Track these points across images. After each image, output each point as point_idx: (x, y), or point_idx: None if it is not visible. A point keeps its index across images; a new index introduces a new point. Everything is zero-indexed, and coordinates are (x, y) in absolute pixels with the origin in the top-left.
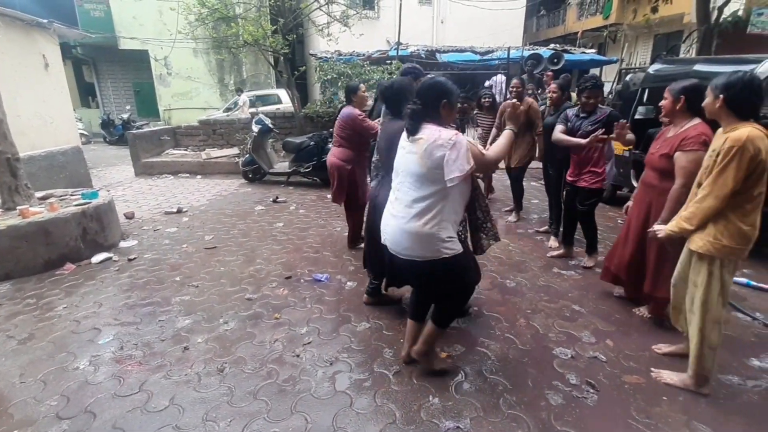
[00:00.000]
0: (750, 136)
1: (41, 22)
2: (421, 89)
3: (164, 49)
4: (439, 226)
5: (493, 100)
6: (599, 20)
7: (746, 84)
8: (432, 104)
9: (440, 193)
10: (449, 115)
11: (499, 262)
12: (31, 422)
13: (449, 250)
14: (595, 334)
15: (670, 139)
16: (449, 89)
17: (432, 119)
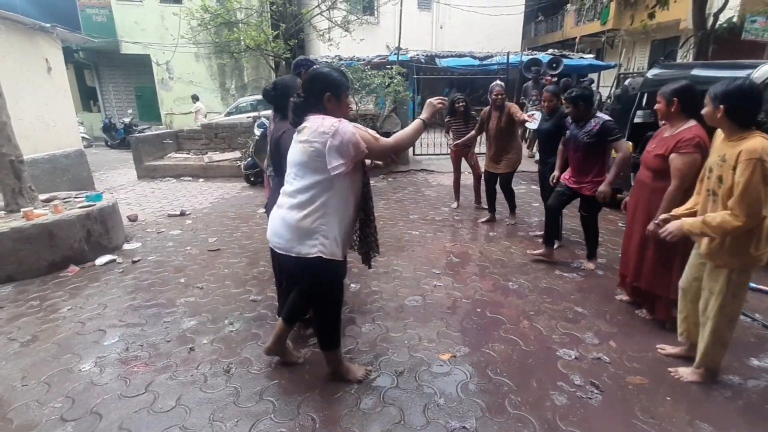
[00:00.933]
0: (765, 147)
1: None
2: (304, 81)
3: (166, 54)
4: (321, 221)
5: (466, 105)
6: (597, 26)
7: (745, 93)
8: (315, 97)
9: (323, 184)
10: (337, 109)
11: (501, 264)
12: (32, 426)
13: (325, 251)
14: (598, 335)
15: (666, 140)
16: (334, 80)
17: (317, 112)
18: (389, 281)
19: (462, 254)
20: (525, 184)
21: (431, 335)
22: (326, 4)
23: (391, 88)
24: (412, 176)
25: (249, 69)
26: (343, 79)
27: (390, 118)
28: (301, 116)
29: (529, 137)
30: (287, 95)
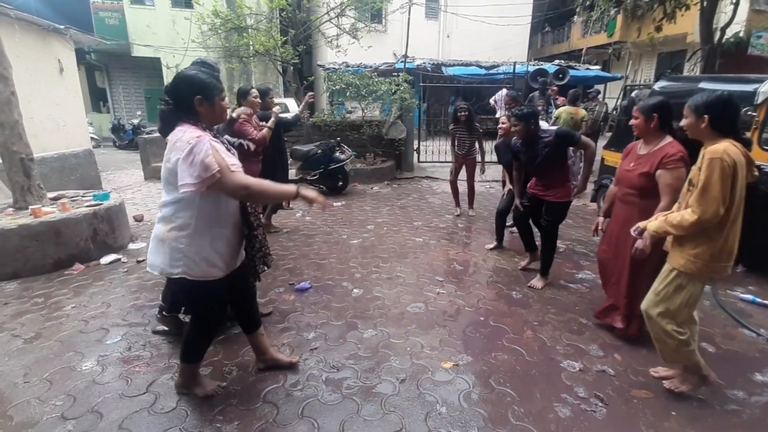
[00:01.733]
0: (727, 149)
1: (58, 27)
2: (170, 85)
3: (176, 57)
4: (184, 240)
5: (469, 114)
6: (603, 38)
7: (727, 103)
8: (184, 101)
9: (183, 203)
10: (211, 113)
11: (505, 273)
12: (32, 424)
13: (190, 271)
14: (603, 347)
15: (646, 157)
16: (203, 82)
17: (188, 119)
18: (392, 287)
19: (465, 262)
20: None
21: (434, 343)
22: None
23: (398, 96)
24: (417, 183)
25: (257, 74)
26: (213, 80)
27: (395, 125)
28: (169, 125)
29: None
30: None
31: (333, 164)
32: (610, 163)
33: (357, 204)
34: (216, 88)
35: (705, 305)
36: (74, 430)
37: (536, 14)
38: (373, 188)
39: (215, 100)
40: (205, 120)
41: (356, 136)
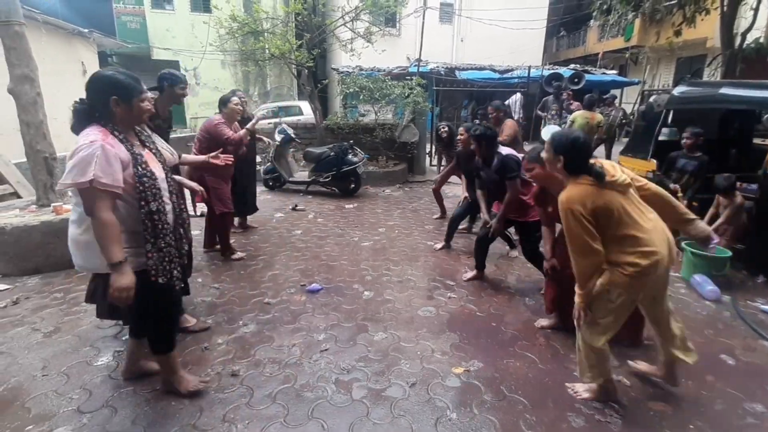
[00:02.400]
0: (568, 197)
1: (82, 31)
2: (86, 85)
3: (194, 60)
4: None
5: (450, 133)
6: (621, 42)
7: (576, 145)
8: (99, 102)
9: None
10: (129, 114)
11: (518, 279)
12: (49, 416)
13: (102, 264)
14: (618, 357)
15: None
16: (120, 83)
17: (102, 119)
18: (403, 290)
19: None
20: None
21: (444, 347)
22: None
23: (411, 99)
24: (429, 187)
25: (272, 77)
26: (132, 81)
27: (408, 128)
28: (80, 124)
29: None
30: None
31: (345, 167)
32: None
33: (369, 206)
34: (135, 90)
35: (725, 316)
36: (89, 423)
37: (552, 18)
38: (385, 191)
39: (133, 101)
40: (121, 121)
41: (369, 139)
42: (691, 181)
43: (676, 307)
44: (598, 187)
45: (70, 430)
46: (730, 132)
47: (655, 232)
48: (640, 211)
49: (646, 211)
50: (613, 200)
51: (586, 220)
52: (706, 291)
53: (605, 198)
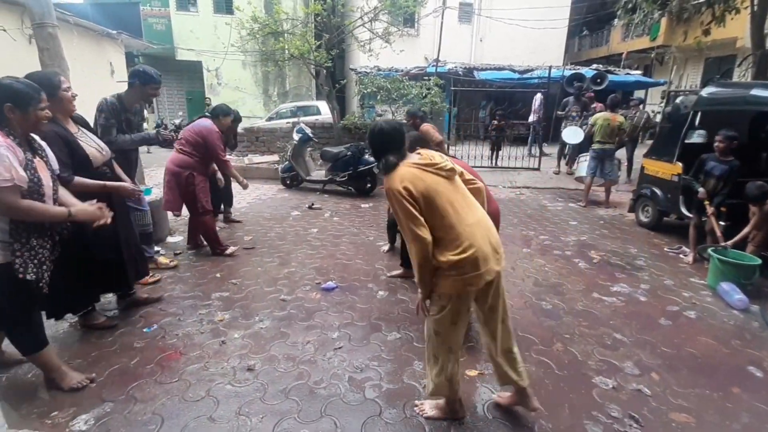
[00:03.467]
0: (393, 176)
1: (111, 33)
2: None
3: (216, 61)
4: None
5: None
6: (646, 41)
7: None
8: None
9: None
10: (24, 121)
11: (534, 282)
12: (75, 403)
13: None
14: (639, 365)
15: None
16: (17, 91)
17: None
18: (416, 291)
19: None
20: (563, 201)
21: None
22: (369, 16)
23: (428, 99)
24: None
25: (291, 77)
26: (30, 90)
27: None
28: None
29: (569, 154)
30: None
31: (362, 166)
32: (651, 172)
33: (384, 206)
34: (31, 98)
35: (753, 326)
36: (111, 411)
37: (574, 18)
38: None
39: (29, 109)
40: (16, 127)
41: None
42: (720, 186)
43: (701, 316)
44: (421, 169)
45: (94, 417)
46: (761, 135)
47: (478, 228)
48: (467, 205)
49: (474, 207)
50: (437, 183)
51: (408, 202)
52: (734, 300)
53: (427, 180)
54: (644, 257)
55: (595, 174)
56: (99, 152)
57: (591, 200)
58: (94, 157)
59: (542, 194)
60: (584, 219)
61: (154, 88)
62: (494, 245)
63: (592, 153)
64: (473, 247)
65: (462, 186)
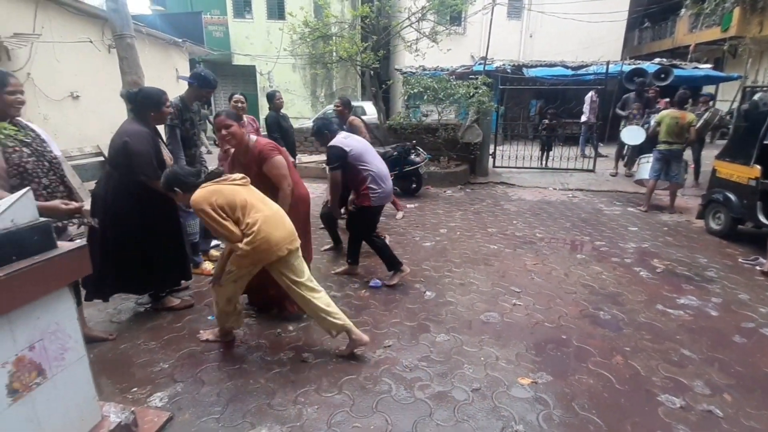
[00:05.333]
0: (196, 198)
1: (177, 41)
2: None
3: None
4: None
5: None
6: (717, 32)
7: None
8: None
9: None
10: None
11: (591, 290)
12: (150, 380)
13: None
14: (709, 385)
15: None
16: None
17: None
18: (465, 293)
19: (545, 274)
20: (620, 205)
21: (509, 356)
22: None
23: (475, 99)
24: (491, 188)
25: (338, 79)
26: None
27: (472, 128)
28: None
29: (627, 154)
30: (146, 104)
31: (408, 166)
32: (724, 175)
33: (430, 207)
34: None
35: None
36: (181, 391)
37: (635, 9)
38: (447, 192)
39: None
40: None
41: (431, 139)
42: None
43: None
44: (219, 185)
45: (167, 395)
46: None
47: (273, 218)
48: (263, 201)
49: (269, 203)
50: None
51: (216, 212)
52: None
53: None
54: (715, 268)
55: (659, 176)
56: (169, 158)
57: (653, 205)
58: (167, 161)
59: (597, 197)
60: (645, 225)
61: (208, 92)
62: (288, 231)
63: (657, 154)
64: (261, 233)
65: (255, 189)
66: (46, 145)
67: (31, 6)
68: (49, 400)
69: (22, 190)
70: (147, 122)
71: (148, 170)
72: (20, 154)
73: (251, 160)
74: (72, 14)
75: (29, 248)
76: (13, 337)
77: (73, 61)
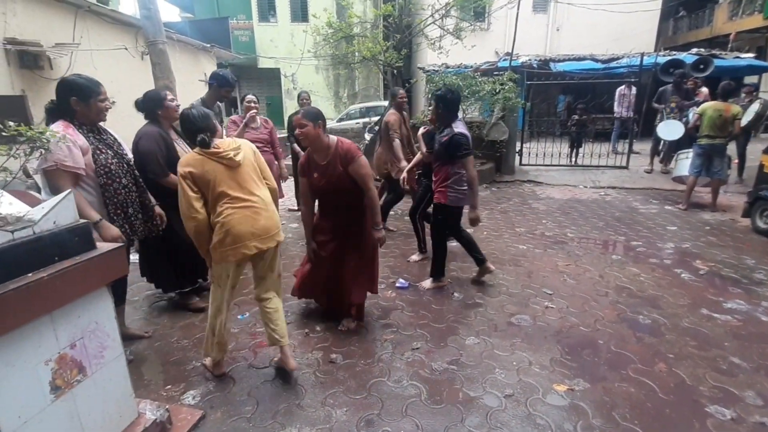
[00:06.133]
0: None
1: (205, 46)
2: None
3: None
4: None
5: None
6: (759, 20)
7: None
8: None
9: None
10: (88, 112)
11: (628, 293)
12: (184, 378)
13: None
14: (762, 395)
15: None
16: (78, 84)
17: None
18: (495, 295)
19: (578, 276)
20: (657, 203)
21: (543, 361)
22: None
23: (501, 95)
24: (518, 187)
25: (360, 78)
26: (91, 84)
27: (497, 125)
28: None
29: (664, 150)
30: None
31: None
32: None
33: None
34: (92, 92)
35: None
36: (214, 389)
37: None
38: None
39: (90, 101)
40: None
41: None
42: None
43: None
44: (204, 156)
45: (200, 393)
46: None
47: (249, 211)
48: (245, 190)
49: (255, 190)
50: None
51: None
52: None
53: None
54: (765, 270)
55: (700, 173)
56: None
57: (693, 203)
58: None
59: (632, 195)
60: (685, 224)
61: (227, 90)
62: (267, 227)
63: (698, 149)
64: (227, 225)
65: (250, 175)
66: (124, 148)
67: (71, 17)
68: (89, 397)
69: (64, 192)
70: (159, 122)
71: (155, 168)
72: (106, 155)
73: (335, 160)
74: (108, 23)
75: (70, 249)
76: (56, 335)
77: (110, 69)
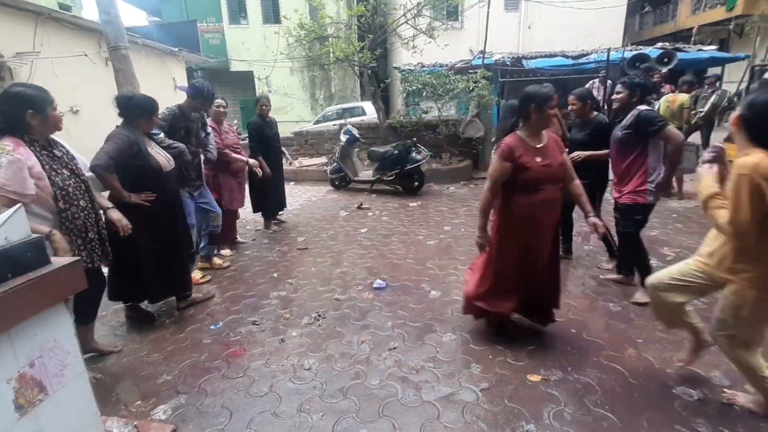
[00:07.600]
0: (761, 162)
1: (173, 50)
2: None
3: (266, 70)
4: None
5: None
6: (721, 13)
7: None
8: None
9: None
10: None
11: (600, 282)
12: (154, 393)
13: None
14: (728, 375)
15: (552, 147)
16: (31, 96)
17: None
18: None
19: None
20: None
21: (518, 353)
22: (412, 13)
23: (475, 93)
24: None
25: (336, 80)
26: (44, 94)
27: (473, 123)
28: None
29: None
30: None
31: (409, 165)
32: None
33: (433, 204)
34: (47, 101)
35: None
36: (185, 403)
37: None
38: (449, 189)
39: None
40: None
41: (432, 136)
42: None
43: None
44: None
45: (171, 408)
46: None
47: None
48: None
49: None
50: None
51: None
52: None
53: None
54: None
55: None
56: (167, 161)
57: None
58: (163, 165)
59: None
60: (653, 212)
61: (201, 103)
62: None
63: None
64: None
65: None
66: (77, 163)
67: (31, 25)
68: (52, 416)
69: (14, 206)
70: (135, 129)
71: (100, 156)
72: (62, 176)
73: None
74: (69, 30)
75: (24, 265)
76: (15, 353)
77: (72, 76)
